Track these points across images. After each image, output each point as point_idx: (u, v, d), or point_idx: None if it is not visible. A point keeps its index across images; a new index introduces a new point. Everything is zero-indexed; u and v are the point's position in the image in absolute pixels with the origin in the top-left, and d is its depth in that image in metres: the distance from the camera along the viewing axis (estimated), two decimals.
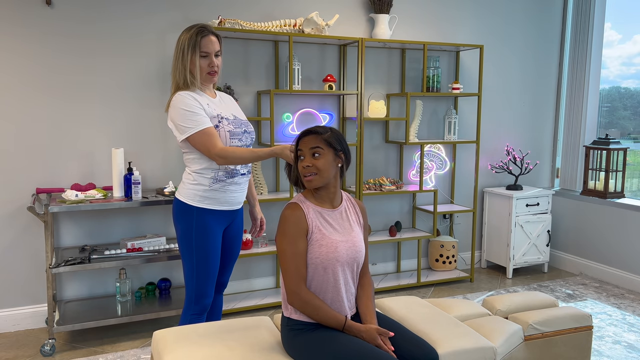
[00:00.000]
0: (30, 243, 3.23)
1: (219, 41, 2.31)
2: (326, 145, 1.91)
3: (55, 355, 2.94)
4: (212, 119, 2.25)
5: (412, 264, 4.36)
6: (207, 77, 2.30)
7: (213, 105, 2.30)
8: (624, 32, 4.58)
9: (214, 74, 2.31)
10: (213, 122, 2.25)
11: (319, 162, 1.89)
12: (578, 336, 2.36)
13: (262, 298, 3.66)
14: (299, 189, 2.04)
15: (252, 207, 2.65)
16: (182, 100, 2.22)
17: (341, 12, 3.87)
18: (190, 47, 2.24)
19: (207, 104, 2.27)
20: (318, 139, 1.91)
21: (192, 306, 2.33)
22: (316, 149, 1.90)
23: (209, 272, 2.32)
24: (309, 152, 1.90)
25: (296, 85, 3.58)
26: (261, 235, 2.72)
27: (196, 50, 2.24)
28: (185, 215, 2.28)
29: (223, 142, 2.26)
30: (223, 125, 2.27)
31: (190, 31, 2.26)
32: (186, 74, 2.25)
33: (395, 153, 4.20)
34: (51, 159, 3.23)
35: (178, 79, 2.28)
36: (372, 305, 1.98)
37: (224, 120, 2.28)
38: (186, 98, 2.22)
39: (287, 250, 1.86)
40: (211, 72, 2.30)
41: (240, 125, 2.35)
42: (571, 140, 4.62)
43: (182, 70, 2.26)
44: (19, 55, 3.10)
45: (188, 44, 2.24)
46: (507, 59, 4.55)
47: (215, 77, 2.33)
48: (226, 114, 2.32)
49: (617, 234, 4.16)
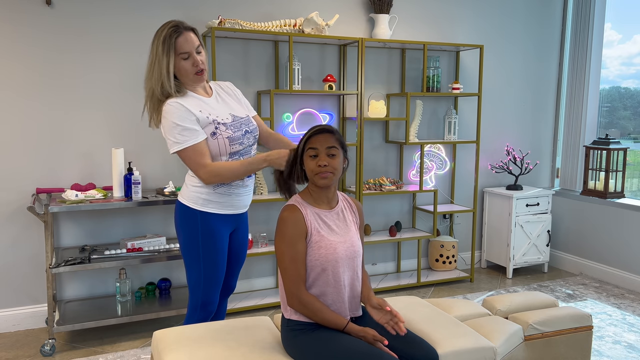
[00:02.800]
0: (30, 243, 3.23)
1: (195, 35, 2.12)
2: (339, 145, 1.91)
3: (55, 355, 2.94)
4: (208, 126, 2.12)
5: (412, 264, 4.36)
6: (195, 78, 2.13)
7: (207, 108, 2.15)
8: (624, 32, 4.58)
9: (202, 73, 2.13)
10: (209, 130, 2.12)
11: (335, 162, 1.89)
12: (578, 336, 2.36)
13: (262, 298, 3.66)
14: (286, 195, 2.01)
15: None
16: (172, 111, 2.06)
17: (341, 12, 3.87)
18: (165, 50, 2.04)
19: (200, 111, 2.12)
20: (333, 139, 1.90)
21: (197, 313, 2.25)
22: (332, 148, 1.89)
23: (216, 279, 2.24)
24: (325, 151, 1.88)
25: (296, 85, 3.58)
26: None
27: (171, 53, 2.05)
28: (190, 220, 2.19)
29: (223, 150, 2.14)
30: (221, 132, 2.13)
31: (162, 35, 2.06)
32: (164, 80, 2.06)
33: (395, 153, 4.20)
34: (51, 159, 3.23)
35: (155, 87, 2.08)
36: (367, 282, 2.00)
37: (221, 125, 2.14)
38: (176, 109, 2.06)
39: (286, 253, 1.85)
40: (198, 71, 2.12)
41: (240, 126, 2.21)
42: (571, 140, 4.62)
43: (158, 78, 2.06)
44: (19, 54, 3.10)
45: (163, 50, 2.04)
46: (507, 59, 4.55)
47: (204, 74, 2.15)
48: (223, 117, 2.17)
49: (617, 234, 4.16)
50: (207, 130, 2.13)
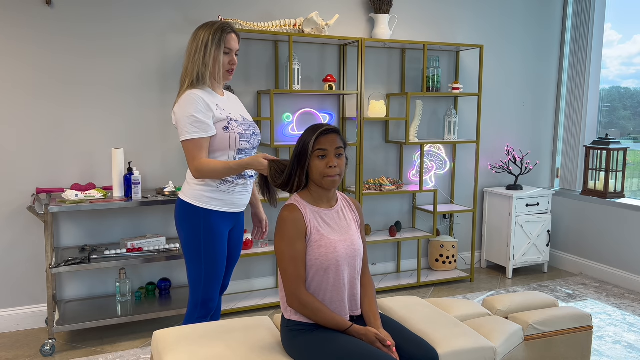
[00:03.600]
0: (30, 243, 3.23)
1: (239, 41, 2.31)
2: (344, 145, 1.92)
3: (55, 355, 2.94)
4: (221, 122, 2.20)
5: (412, 264, 4.36)
6: (225, 75, 2.28)
7: (222, 105, 2.26)
8: (624, 32, 4.58)
9: (232, 72, 2.30)
10: (222, 125, 2.20)
11: (342, 163, 1.90)
12: (578, 336, 2.36)
13: (262, 298, 3.66)
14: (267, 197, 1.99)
15: (256, 208, 2.59)
16: (192, 102, 2.15)
17: (341, 12, 3.87)
18: (214, 42, 2.20)
19: (217, 105, 2.22)
20: (339, 139, 1.90)
21: (197, 310, 2.27)
22: (340, 149, 1.88)
23: (216, 276, 2.26)
24: (333, 152, 1.87)
25: (296, 85, 3.58)
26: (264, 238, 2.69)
27: (221, 46, 2.21)
28: (192, 218, 2.21)
29: (232, 145, 2.22)
30: (233, 128, 2.22)
31: (214, 27, 2.21)
32: (203, 69, 2.20)
33: (395, 153, 4.20)
34: (51, 159, 3.23)
35: (192, 75, 2.21)
36: (375, 307, 1.97)
37: (233, 122, 2.24)
38: (196, 101, 2.16)
39: (286, 253, 1.85)
40: (230, 69, 2.28)
41: (249, 127, 2.31)
42: (571, 140, 4.62)
43: (200, 65, 2.20)
44: (19, 55, 3.10)
45: (212, 40, 2.20)
46: (507, 59, 4.55)
47: (232, 75, 2.32)
48: (235, 115, 2.28)
49: (617, 234, 4.16)
50: (220, 125, 2.21)
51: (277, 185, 1.98)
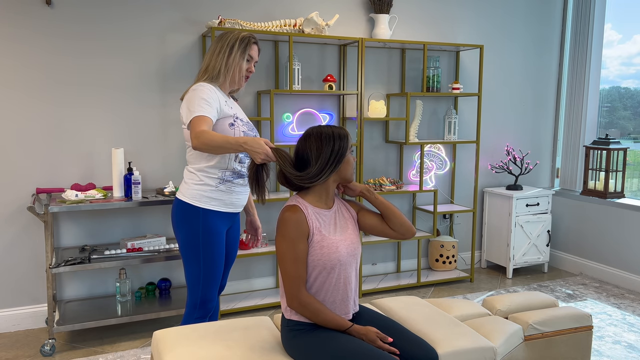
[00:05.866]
0: (30, 243, 3.23)
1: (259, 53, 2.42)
2: None
3: (55, 355, 2.94)
4: (228, 117, 2.26)
5: (412, 264, 4.36)
6: (240, 79, 2.36)
7: (230, 104, 2.33)
8: (624, 32, 4.58)
9: (247, 79, 2.39)
10: (228, 121, 2.26)
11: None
12: (578, 336, 2.36)
13: (262, 298, 3.66)
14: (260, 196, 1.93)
15: (251, 215, 2.59)
16: (204, 90, 2.22)
17: (341, 12, 3.87)
18: (240, 47, 2.30)
19: (225, 102, 2.29)
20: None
21: (196, 311, 2.27)
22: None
23: (215, 276, 2.27)
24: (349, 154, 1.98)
25: (296, 85, 3.58)
26: (258, 245, 2.69)
27: (245, 53, 2.32)
28: (190, 218, 2.21)
29: None
30: (238, 125, 2.28)
31: (241, 34, 2.32)
32: (224, 69, 2.28)
33: (395, 153, 4.20)
34: (51, 159, 3.23)
35: (212, 71, 2.29)
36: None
37: (239, 120, 2.30)
38: (209, 90, 2.22)
39: (287, 254, 1.85)
40: (247, 76, 2.37)
41: (252, 129, 2.37)
42: (571, 140, 4.62)
43: (223, 65, 2.28)
44: (18, 55, 3.10)
45: (239, 44, 2.30)
46: (507, 59, 4.55)
47: (246, 81, 2.41)
48: (240, 115, 2.35)
49: (617, 234, 4.16)
50: (226, 121, 2.26)
51: (292, 175, 1.87)
